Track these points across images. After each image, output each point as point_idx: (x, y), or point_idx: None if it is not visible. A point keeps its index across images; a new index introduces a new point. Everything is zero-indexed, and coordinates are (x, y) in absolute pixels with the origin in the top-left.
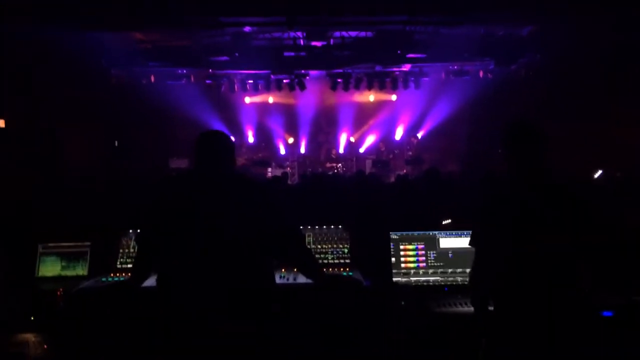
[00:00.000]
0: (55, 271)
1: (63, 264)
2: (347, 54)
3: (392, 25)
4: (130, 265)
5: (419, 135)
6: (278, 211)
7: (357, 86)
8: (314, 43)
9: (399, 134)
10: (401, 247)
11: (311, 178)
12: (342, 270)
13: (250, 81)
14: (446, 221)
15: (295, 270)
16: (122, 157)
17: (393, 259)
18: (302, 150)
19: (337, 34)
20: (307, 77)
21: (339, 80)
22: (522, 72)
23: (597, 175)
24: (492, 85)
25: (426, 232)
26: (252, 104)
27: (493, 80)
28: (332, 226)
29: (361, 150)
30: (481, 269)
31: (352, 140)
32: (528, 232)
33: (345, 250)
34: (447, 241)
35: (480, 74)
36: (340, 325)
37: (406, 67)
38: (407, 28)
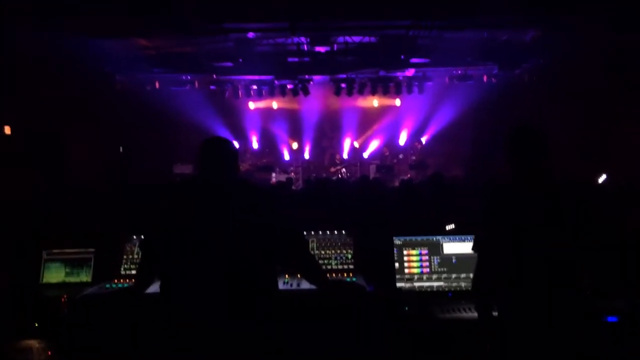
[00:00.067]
0: (59, 277)
1: (67, 270)
2: (351, 59)
3: (395, 30)
4: (134, 272)
5: (423, 140)
6: (282, 217)
7: (360, 91)
8: (317, 48)
9: (403, 138)
10: (405, 252)
11: (315, 183)
12: (345, 275)
13: (254, 87)
14: (450, 226)
15: (299, 276)
16: (127, 162)
17: (397, 265)
18: (306, 156)
19: (341, 39)
20: (311, 83)
21: (343, 85)
22: (526, 76)
23: (601, 180)
24: (496, 90)
25: (430, 237)
26: (256, 110)
27: (497, 84)
28: (335, 232)
29: (365, 155)
30: (483, 274)
31: (356, 145)
32: (530, 235)
33: (349, 256)
34: (451, 246)
35: (484, 78)
36: (343, 330)
37: (410, 72)
38: (410, 33)
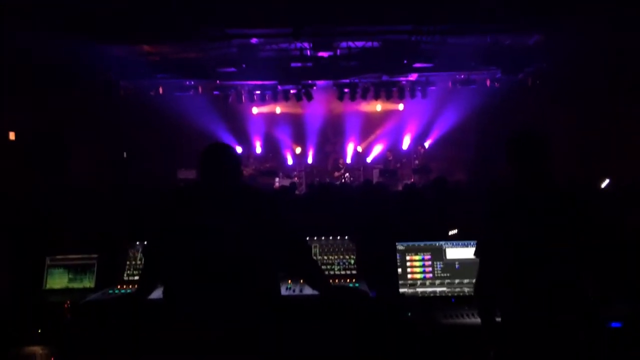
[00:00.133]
0: (62, 283)
1: (70, 276)
2: (354, 64)
3: (398, 34)
4: (137, 278)
5: (426, 144)
6: (285, 223)
7: (364, 96)
8: (320, 53)
9: (406, 143)
10: (407, 257)
11: (318, 188)
12: (348, 281)
13: (258, 92)
14: (453, 231)
15: (302, 281)
16: (130, 168)
17: (399, 270)
18: (310, 160)
19: (344, 44)
20: (314, 87)
21: (346, 90)
22: (529, 80)
23: (604, 185)
24: (499, 94)
25: (433, 242)
26: (259, 115)
27: (500, 89)
28: (338, 237)
29: (368, 159)
30: (486, 279)
31: (360, 149)
32: (532, 237)
33: (352, 261)
34: (454, 251)
35: (487, 82)
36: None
37: (413, 77)
38: (413, 38)
